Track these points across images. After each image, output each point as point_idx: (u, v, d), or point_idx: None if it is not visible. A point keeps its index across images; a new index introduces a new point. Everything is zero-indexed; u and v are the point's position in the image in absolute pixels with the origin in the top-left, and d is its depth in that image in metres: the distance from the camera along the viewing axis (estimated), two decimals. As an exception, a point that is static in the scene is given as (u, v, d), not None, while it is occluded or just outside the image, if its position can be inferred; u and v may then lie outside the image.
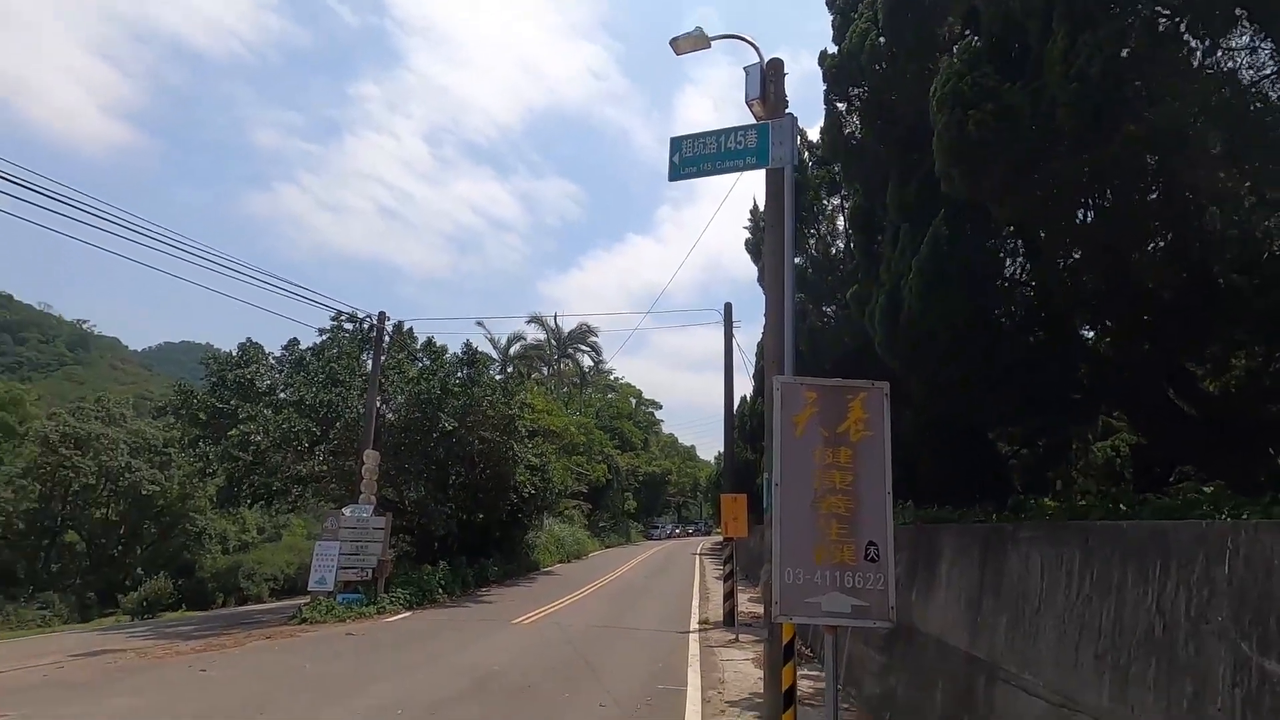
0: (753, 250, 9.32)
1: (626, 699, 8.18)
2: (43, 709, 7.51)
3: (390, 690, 8.40)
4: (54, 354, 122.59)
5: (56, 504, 35.49)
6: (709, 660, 10.64)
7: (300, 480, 18.61)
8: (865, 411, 4.17)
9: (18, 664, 10.38)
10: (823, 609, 3.92)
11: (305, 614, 14.64)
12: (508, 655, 10.71)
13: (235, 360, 18.21)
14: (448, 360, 20.08)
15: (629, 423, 60.88)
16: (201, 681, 8.92)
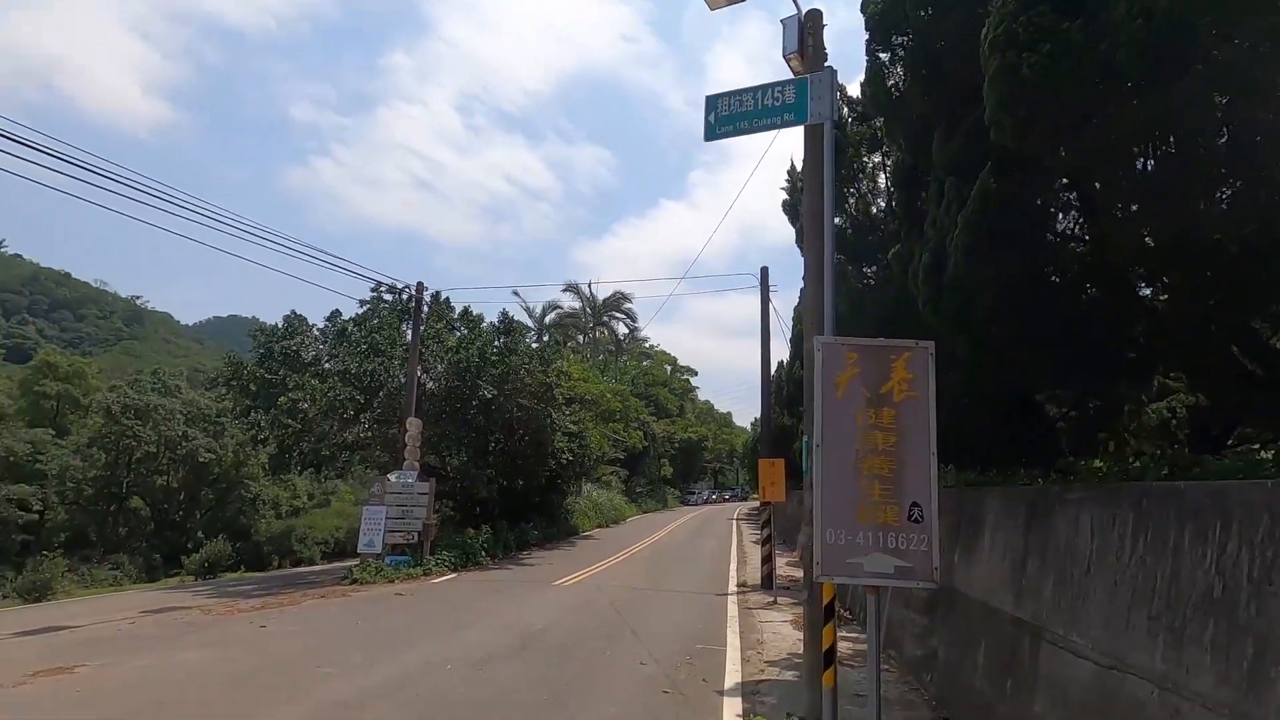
0: (790, 212, 9.11)
1: (666, 658, 8.34)
2: (120, 660, 8.01)
3: (439, 647, 8.73)
4: (111, 329, 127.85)
5: (121, 471, 37.36)
6: (747, 622, 10.77)
7: (347, 447, 19.20)
8: (909, 371, 4.08)
9: (96, 619, 11.06)
10: (865, 569, 3.91)
11: (356, 575, 15.23)
12: (550, 615, 11.00)
13: (281, 332, 18.72)
14: (485, 329, 20.32)
15: (664, 390, 61.04)
16: (262, 636, 9.39)
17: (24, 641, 9.27)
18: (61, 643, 9.06)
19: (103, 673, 7.37)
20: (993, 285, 4.67)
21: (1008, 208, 4.72)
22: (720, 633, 9.96)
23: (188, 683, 6.96)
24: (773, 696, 6.82)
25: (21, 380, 42.40)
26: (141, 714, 5.94)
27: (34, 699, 6.45)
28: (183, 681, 7.01)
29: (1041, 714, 4.51)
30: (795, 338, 17.94)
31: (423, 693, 6.67)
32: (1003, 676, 5.26)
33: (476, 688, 6.88)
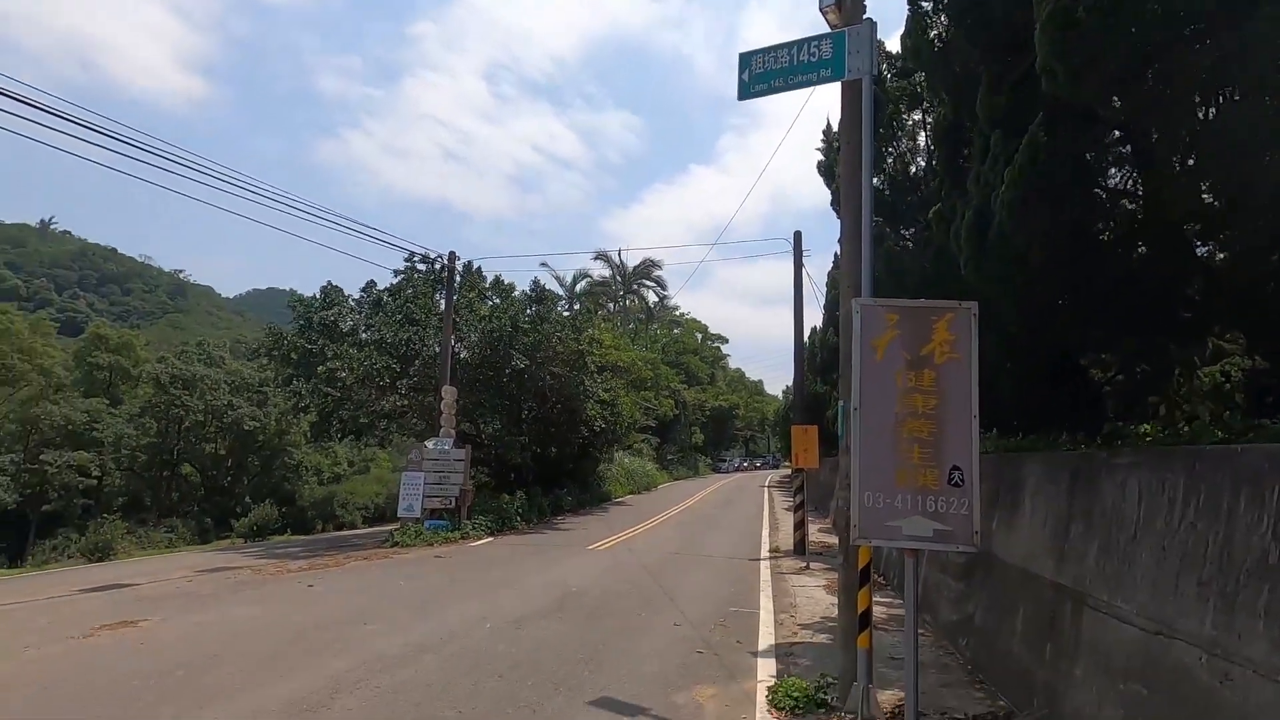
0: (825, 173, 8.88)
1: (700, 620, 8.46)
2: (179, 615, 8.42)
3: (478, 606, 8.98)
4: (156, 302, 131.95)
5: (172, 439, 38.89)
6: (780, 586, 10.84)
7: (385, 415, 19.65)
8: (951, 333, 3.98)
9: (154, 578, 11.63)
10: (903, 532, 3.88)
11: (396, 538, 15.70)
12: (585, 578, 11.22)
13: (319, 303, 19.09)
14: (517, 298, 20.43)
15: (695, 358, 60.86)
16: (310, 595, 9.77)
17: (90, 597, 9.80)
18: (124, 599, 9.55)
19: (163, 626, 7.77)
20: (1040, 243, 4.51)
21: (1057, 162, 4.52)
22: (753, 596, 10.05)
23: (242, 637, 7.29)
24: (806, 658, 6.88)
25: (76, 352, 44.12)
26: (201, 664, 6.26)
27: (102, 649, 6.83)
28: (237, 635, 7.35)
29: (1082, 678, 4.47)
30: (829, 303, 17.67)
31: (464, 649, 6.89)
32: (1041, 642, 5.22)
33: (515, 645, 7.08)
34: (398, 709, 5.18)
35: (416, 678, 5.96)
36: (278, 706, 5.19)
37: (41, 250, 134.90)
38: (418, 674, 6.06)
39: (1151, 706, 3.70)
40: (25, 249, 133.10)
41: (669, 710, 5.35)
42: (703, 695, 5.72)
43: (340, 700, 5.36)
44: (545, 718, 5.08)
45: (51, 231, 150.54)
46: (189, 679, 5.86)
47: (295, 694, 5.49)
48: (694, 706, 5.46)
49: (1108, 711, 4.10)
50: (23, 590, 10.65)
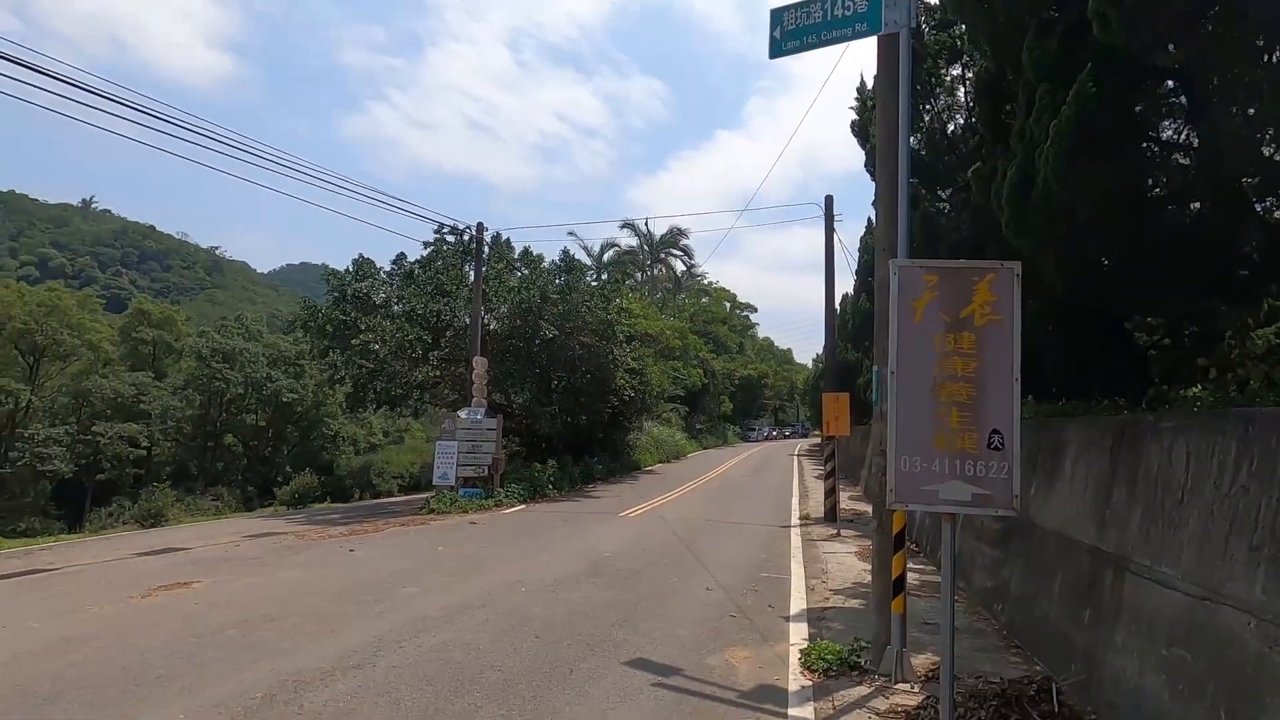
0: (859, 133, 8.63)
1: (732, 585, 8.55)
2: (228, 577, 8.78)
3: (514, 570, 9.19)
4: (195, 279, 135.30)
5: (214, 410, 40.16)
6: (811, 553, 10.88)
7: (417, 386, 19.98)
8: (993, 294, 3.88)
9: (204, 542, 12.11)
10: (940, 497, 3.84)
11: (432, 505, 16.08)
12: (618, 544, 11.39)
13: (352, 275, 19.37)
14: (545, 269, 20.46)
15: (724, 327, 60.59)
16: (352, 559, 10.09)
17: (146, 560, 10.25)
18: (178, 562, 9.98)
19: (216, 587, 8.11)
20: (1087, 200, 4.33)
21: (1107, 114, 4.32)
22: (784, 563, 10.11)
23: (290, 597, 7.58)
24: (838, 623, 6.92)
25: (121, 328, 45.55)
26: (254, 622, 6.53)
27: (161, 608, 7.16)
28: (286, 596, 7.64)
29: (1122, 644, 4.42)
30: (861, 269, 17.35)
31: (501, 611, 7.07)
32: (1080, 607, 5.16)
33: (551, 608, 7.24)
34: (440, 667, 5.36)
35: (456, 638, 6.14)
36: (328, 663, 5.40)
37: (84, 229, 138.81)
38: (457, 634, 6.24)
39: (1195, 672, 3.65)
40: (68, 228, 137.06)
41: (702, 671, 5.44)
42: (736, 657, 5.80)
43: (385, 658, 5.56)
44: (582, 677, 5.21)
45: (92, 210, 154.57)
46: (243, 636, 6.12)
47: (343, 651, 5.71)
48: (727, 668, 5.54)
49: (1149, 677, 4.06)
50: (84, 554, 11.18)
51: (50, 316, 36.72)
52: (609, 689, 4.98)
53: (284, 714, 4.43)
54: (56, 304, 37.63)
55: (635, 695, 4.87)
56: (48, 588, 8.33)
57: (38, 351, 37.68)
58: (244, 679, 5.04)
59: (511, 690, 4.90)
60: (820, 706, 4.78)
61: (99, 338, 40.36)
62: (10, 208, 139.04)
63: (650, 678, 5.25)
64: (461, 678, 5.13)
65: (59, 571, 9.37)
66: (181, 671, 5.23)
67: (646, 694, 4.91)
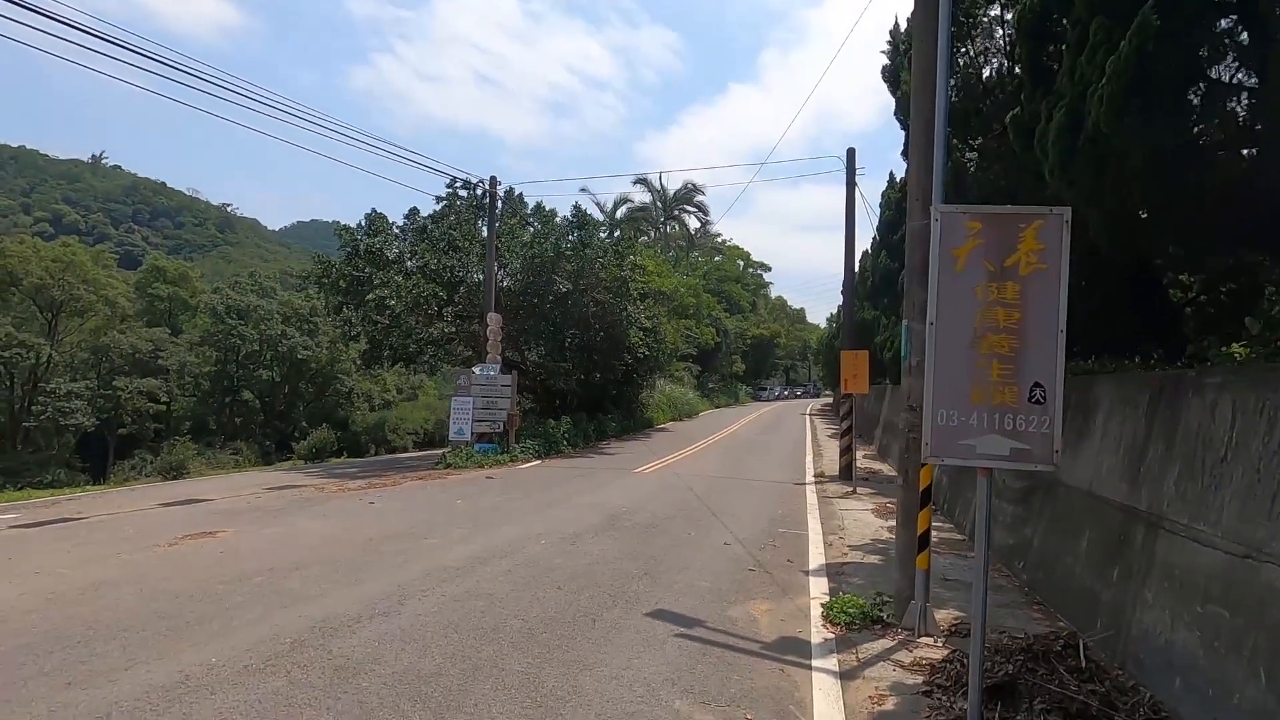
0: (890, 79, 8.26)
1: (750, 539, 8.58)
2: (253, 528, 8.91)
3: (532, 522, 9.27)
4: (207, 235, 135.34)
5: (231, 366, 40.55)
6: (827, 510, 10.90)
7: (432, 342, 19.97)
8: (1039, 242, 3.70)
9: (226, 494, 12.30)
10: (977, 451, 3.74)
11: (449, 460, 16.23)
12: (634, 499, 11.45)
13: (365, 230, 19.20)
14: (558, 224, 20.18)
15: (737, 286, 60.07)
16: (371, 511, 10.21)
17: (170, 511, 10.43)
18: (200, 512, 10.14)
19: (239, 537, 8.24)
20: (1144, 144, 4.11)
21: (1168, 52, 4.06)
22: (801, 518, 10.13)
23: (313, 547, 7.69)
24: (858, 577, 6.94)
25: (136, 283, 45.76)
26: (279, 570, 6.63)
27: (187, 556, 7.28)
28: (308, 546, 7.74)
29: (1153, 600, 4.37)
30: (883, 225, 16.97)
31: (522, 562, 7.13)
32: (1108, 565, 5.11)
33: (571, 559, 7.30)
34: (464, 615, 5.42)
35: (479, 587, 6.20)
36: (354, 610, 5.47)
37: (95, 185, 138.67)
38: (479, 584, 6.31)
39: (1233, 629, 3.59)
40: (80, 184, 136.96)
41: (724, 623, 5.46)
42: (757, 609, 5.83)
43: (410, 605, 5.62)
44: (605, 627, 5.25)
45: (103, 166, 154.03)
46: (270, 583, 6.21)
47: (368, 598, 5.78)
48: (749, 619, 5.56)
49: (1181, 633, 4.01)
50: (109, 504, 11.39)
51: (66, 272, 36.89)
52: (632, 639, 5.01)
53: (313, 658, 4.49)
54: (72, 259, 37.76)
55: (659, 645, 4.91)
56: (76, 536, 8.49)
57: (55, 307, 37.99)
58: (273, 624, 5.12)
59: (535, 639, 4.94)
60: (844, 659, 4.80)
61: (114, 293, 40.59)
62: (22, 163, 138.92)
63: (673, 628, 5.28)
64: (485, 626, 5.18)
65: (85, 520, 9.55)
66: (212, 616, 5.31)
67: (670, 644, 4.94)
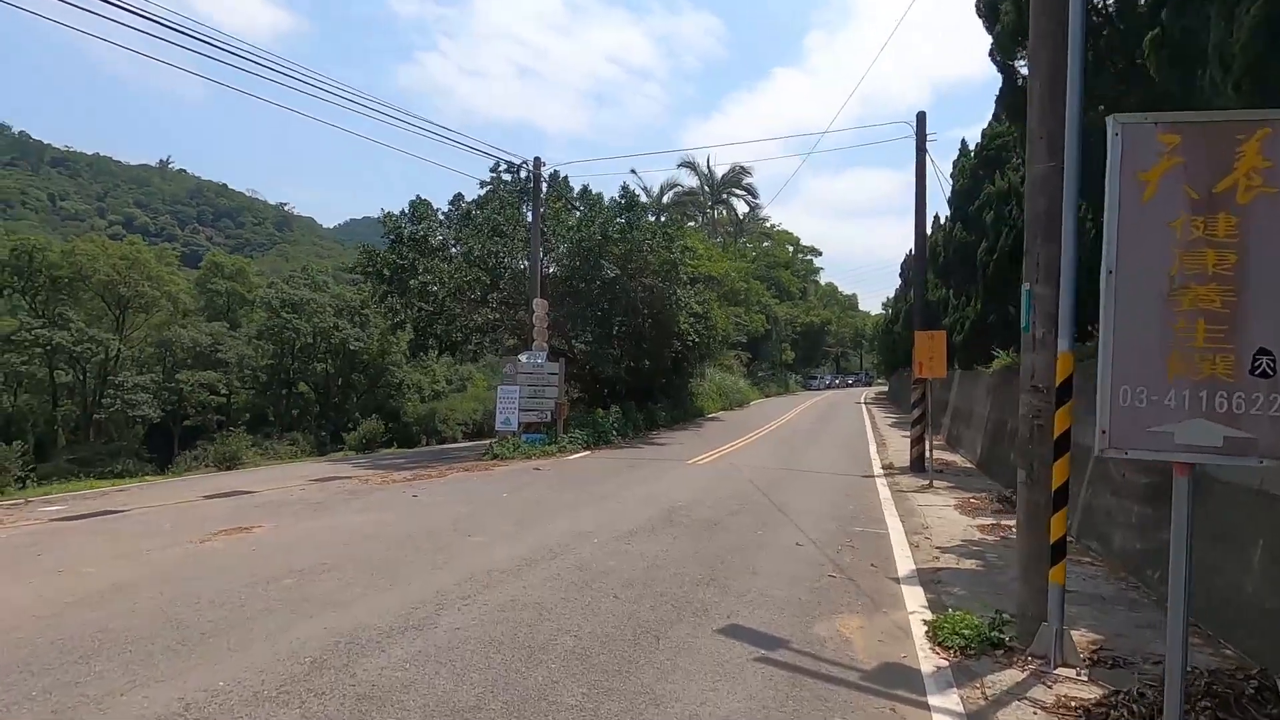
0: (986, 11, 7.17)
1: (823, 539, 7.69)
2: (289, 522, 8.46)
3: (583, 517, 8.56)
4: (266, 234, 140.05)
5: (287, 359, 41.33)
6: (904, 505, 9.89)
7: (477, 329, 19.48)
8: (1265, 157, 2.73)
9: (272, 486, 12.01)
10: (1176, 441, 2.80)
11: (495, 450, 15.72)
12: (690, 492, 10.65)
13: (408, 217, 18.82)
14: (605, 207, 19.37)
15: (786, 271, 58.40)
16: (415, 504, 9.68)
17: (212, 503, 10.13)
18: (243, 505, 9.79)
19: (274, 533, 7.77)
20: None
21: None
22: (876, 515, 9.18)
23: (349, 545, 7.14)
24: (958, 586, 5.99)
25: (196, 279, 47.08)
26: (309, 571, 6.08)
27: (216, 554, 6.82)
28: (345, 543, 7.21)
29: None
30: (956, 196, 15.65)
31: (573, 564, 6.42)
32: (1297, 582, 4.07)
33: (627, 561, 6.55)
34: (509, 629, 4.71)
35: (526, 594, 5.50)
36: (385, 621, 4.84)
37: (163, 188, 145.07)
38: (527, 590, 5.61)
39: None
40: (149, 188, 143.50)
41: (811, 643, 4.62)
42: (848, 626, 4.96)
43: (447, 617, 4.96)
44: (671, 647, 4.47)
45: (169, 170, 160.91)
46: (298, 587, 5.65)
47: (402, 607, 5.14)
48: (840, 640, 4.71)
49: None
50: (156, 496, 11.21)
51: (132, 269, 38.07)
52: (705, 663, 4.22)
53: (333, 683, 3.84)
54: (136, 257, 38.97)
55: (737, 673, 4.10)
56: (113, 530, 8.17)
57: (123, 303, 39.30)
58: (294, 638, 4.51)
59: (590, 662, 4.20)
60: (967, 695, 3.91)
61: (177, 289, 41.81)
62: (97, 169, 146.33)
63: (751, 650, 4.47)
64: (533, 644, 4.47)
65: (128, 514, 9.29)
66: (230, 626, 4.75)
67: (750, 671, 4.13)
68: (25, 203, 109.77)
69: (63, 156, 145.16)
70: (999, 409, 13.18)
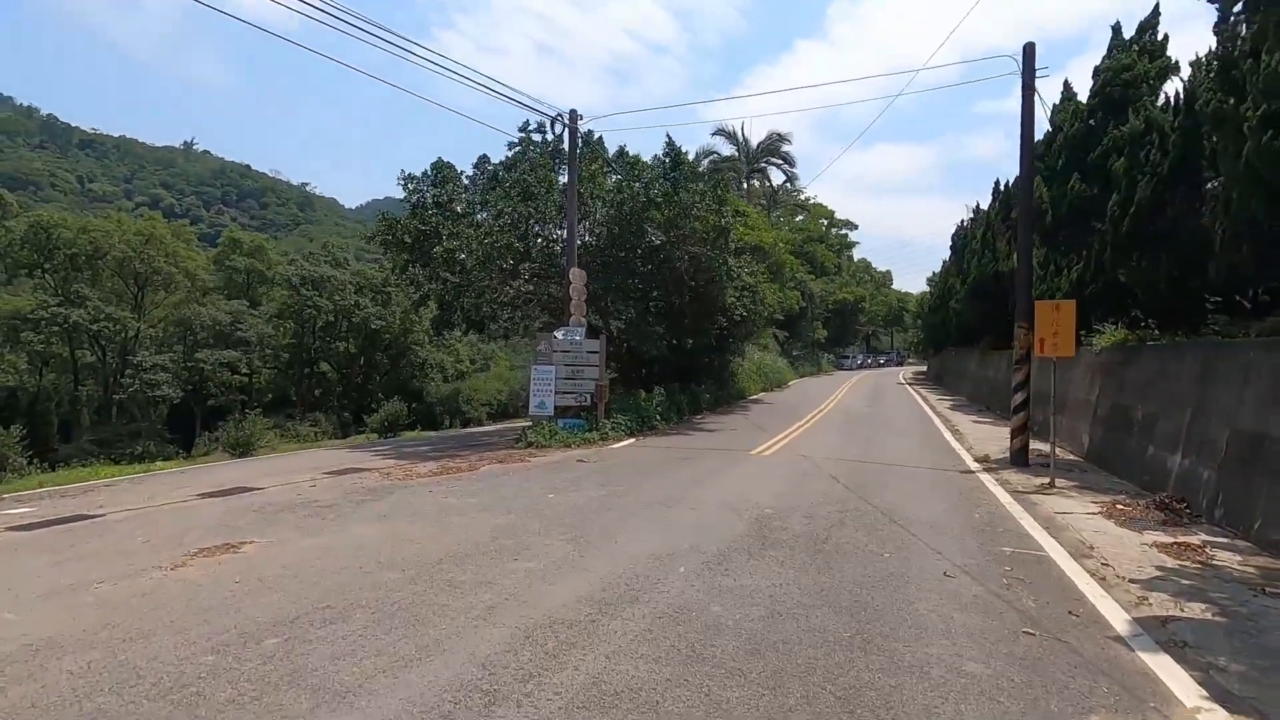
0: None
1: (974, 567, 5.87)
2: (290, 535, 6.85)
3: (654, 532, 6.83)
4: (289, 215, 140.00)
5: (308, 338, 40.22)
6: (1038, 513, 8.03)
7: (508, 304, 17.75)
8: None
9: (282, 480, 10.48)
10: None
11: (530, 438, 14.08)
12: (771, 494, 8.87)
13: (430, 178, 17.06)
14: (649, 164, 17.34)
15: (821, 246, 55.82)
16: (444, 511, 8.01)
17: (206, 505, 8.59)
18: (239, 508, 8.21)
19: (269, 553, 6.13)
20: None
21: None
22: (1013, 527, 7.33)
23: (361, 573, 5.49)
24: (1219, 654, 4.16)
25: (214, 257, 46.05)
26: (303, 621, 4.43)
27: (186, 586, 5.20)
28: (354, 571, 5.56)
29: None
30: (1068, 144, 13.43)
31: (663, 608, 4.68)
32: None
33: (734, 605, 4.79)
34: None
35: (611, 668, 3.78)
36: (405, 727, 3.14)
37: (187, 169, 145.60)
38: (611, 663, 3.88)
39: None
40: (174, 169, 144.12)
41: (1094, 784, 2.82)
42: (1127, 745, 3.16)
43: (502, 714, 3.24)
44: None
45: (193, 152, 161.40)
46: (284, 655, 3.99)
47: (429, 697, 3.44)
48: (1133, 775, 2.90)
49: None
50: (143, 493, 9.73)
51: (148, 245, 36.98)
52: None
53: None
54: (152, 233, 37.89)
55: None
56: (74, 545, 6.60)
57: (141, 281, 38.32)
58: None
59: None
60: None
61: (195, 265, 40.75)
62: (123, 151, 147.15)
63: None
64: (645, 784, 2.73)
65: (102, 520, 7.75)
66: (171, 735, 3.08)
67: None
68: (55, 184, 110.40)
69: (90, 139, 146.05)
70: (1116, 393, 11.19)
